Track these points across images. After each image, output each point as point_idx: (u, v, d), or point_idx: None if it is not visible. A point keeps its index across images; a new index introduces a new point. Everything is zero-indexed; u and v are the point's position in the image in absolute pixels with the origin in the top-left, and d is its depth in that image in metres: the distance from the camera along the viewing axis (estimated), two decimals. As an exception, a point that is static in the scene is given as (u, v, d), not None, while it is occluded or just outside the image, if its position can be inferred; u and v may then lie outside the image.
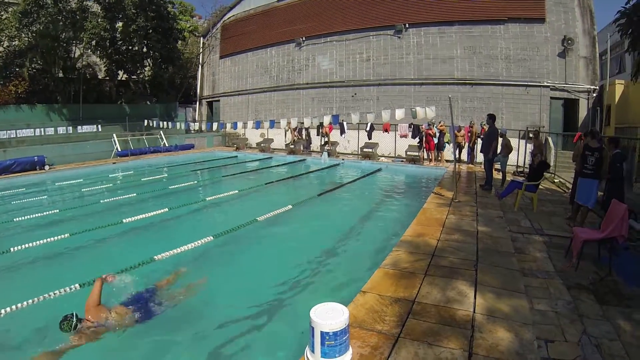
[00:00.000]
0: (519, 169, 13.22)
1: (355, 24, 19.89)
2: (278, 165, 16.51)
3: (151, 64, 25.18)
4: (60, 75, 22.79)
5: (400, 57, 18.58)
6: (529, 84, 15.95)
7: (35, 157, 15.28)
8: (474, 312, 3.66)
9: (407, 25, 18.26)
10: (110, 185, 12.67)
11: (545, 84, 15.73)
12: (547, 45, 15.70)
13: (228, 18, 26.20)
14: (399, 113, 10.27)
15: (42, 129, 18.33)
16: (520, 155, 13.22)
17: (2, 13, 19.08)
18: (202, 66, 28.29)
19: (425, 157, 15.72)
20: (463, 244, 5.60)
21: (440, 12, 17.43)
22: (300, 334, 3.67)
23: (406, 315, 3.59)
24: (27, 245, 5.89)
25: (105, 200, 9.76)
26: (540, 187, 8.59)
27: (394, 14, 18.63)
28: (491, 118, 9.97)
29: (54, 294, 4.13)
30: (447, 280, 4.34)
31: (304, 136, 20.26)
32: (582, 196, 6.65)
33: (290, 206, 8.25)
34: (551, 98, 15.87)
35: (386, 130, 17.25)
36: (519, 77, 16.17)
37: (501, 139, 10.47)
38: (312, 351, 2.80)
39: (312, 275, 5.38)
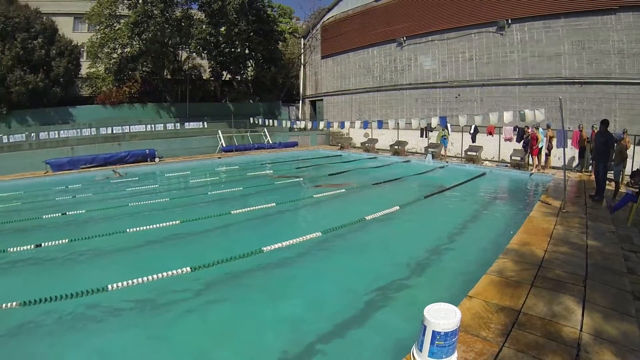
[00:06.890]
0: (632, 180, 11.87)
1: (455, 21, 19.18)
2: (383, 166, 16.38)
3: (253, 65, 26.66)
4: (169, 76, 25.35)
5: (504, 55, 17.55)
6: (648, 81, 14.09)
7: (147, 150, 17.29)
8: (581, 330, 3.53)
9: (509, 21, 17.15)
10: (217, 178, 13.53)
11: (668, 81, 13.78)
12: (669, 35, 13.70)
13: (327, 19, 26.89)
14: (507, 115, 9.77)
15: (153, 125, 20.62)
16: (635, 164, 11.84)
17: (116, 24, 21.50)
18: (304, 66, 29.34)
19: (530, 162, 14.62)
20: (571, 257, 5.33)
21: (544, 4, 16.07)
22: (400, 334, 3.83)
23: (511, 324, 3.59)
24: (142, 228, 6.60)
25: (212, 192, 10.59)
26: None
27: (495, 9, 17.60)
28: (604, 124, 9.12)
29: (166, 274, 4.54)
30: (553, 294, 4.22)
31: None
32: None
33: (397, 207, 8.15)
34: (675, 98, 13.88)
35: (490, 133, 16.49)
36: (635, 74, 14.32)
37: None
38: (420, 350, 2.92)
39: (417, 275, 5.54)
